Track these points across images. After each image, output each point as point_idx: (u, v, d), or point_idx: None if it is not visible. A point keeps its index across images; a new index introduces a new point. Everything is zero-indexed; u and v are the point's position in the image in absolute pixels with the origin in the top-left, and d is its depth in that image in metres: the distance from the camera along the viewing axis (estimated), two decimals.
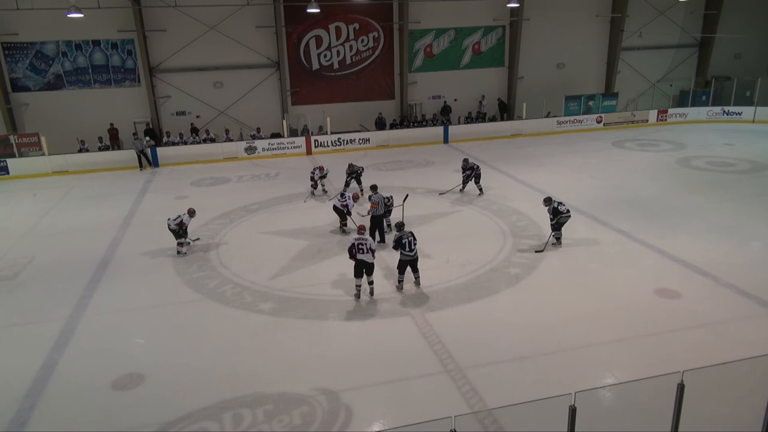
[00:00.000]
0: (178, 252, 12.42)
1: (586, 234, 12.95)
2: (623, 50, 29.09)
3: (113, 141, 23.49)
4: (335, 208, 13.53)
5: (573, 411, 5.25)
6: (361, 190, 16.62)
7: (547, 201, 12.20)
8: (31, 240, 13.98)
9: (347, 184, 16.65)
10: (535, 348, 8.41)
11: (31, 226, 15.10)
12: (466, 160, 16.56)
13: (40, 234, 14.49)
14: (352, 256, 9.82)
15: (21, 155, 21.08)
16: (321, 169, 17.08)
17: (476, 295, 10.16)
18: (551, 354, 8.26)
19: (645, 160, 20.18)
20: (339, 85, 26.76)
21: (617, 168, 19.13)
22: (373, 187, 13.12)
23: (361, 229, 10.16)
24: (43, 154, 21.12)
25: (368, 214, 12.87)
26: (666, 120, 27.00)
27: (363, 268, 9.90)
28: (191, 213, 12.45)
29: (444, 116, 27.03)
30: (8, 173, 20.70)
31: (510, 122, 26.58)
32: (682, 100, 29.21)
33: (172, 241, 13.00)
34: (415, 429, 6.09)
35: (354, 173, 16.74)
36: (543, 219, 13.89)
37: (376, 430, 6.98)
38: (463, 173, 16.48)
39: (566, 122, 26.00)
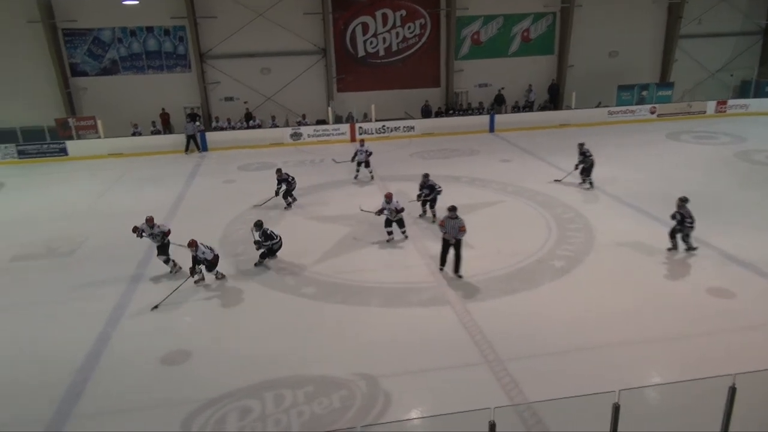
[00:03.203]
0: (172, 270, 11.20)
1: (635, 229, 12.57)
2: (681, 38, 27.83)
3: (165, 125, 24.18)
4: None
5: (617, 409, 5.14)
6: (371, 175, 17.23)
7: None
8: (87, 219, 14.58)
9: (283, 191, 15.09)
10: (579, 343, 8.26)
11: (87, 206, 15.75)
12: (581, 145, 15.76)
13: (96, 213, 15.09)
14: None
15: (79, 137, 21.97)
16: (362, 143, 17.34)
17: (519, 286, 10.03)
18: (595, 349, 8.10)
19: (701, 153, 19.37)
20: (384, 73, 26.67)
21: (671, 161, 18.44)
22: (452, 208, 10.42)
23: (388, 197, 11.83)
24: (99, 137, 21.95)
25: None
26: (725, 112, 25.80)
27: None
28: (191, 245, 10.14)
29: (498, 105, 26.57)
30: (67, 154, 21.62)
31: (558, 112, 25.93)
32: (743, 91, 27.77)
33: (220, 225, 13.36)
34: (454, 418, 6.10)
35: (284, 180, 14.85)
36: (590, 211, 13.61)
37: (414, 417, 7.02)
38: (580, 157, 15.66)
39: (618, 112, 25.18)
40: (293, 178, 14.92)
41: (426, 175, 13.46)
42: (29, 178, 19.20)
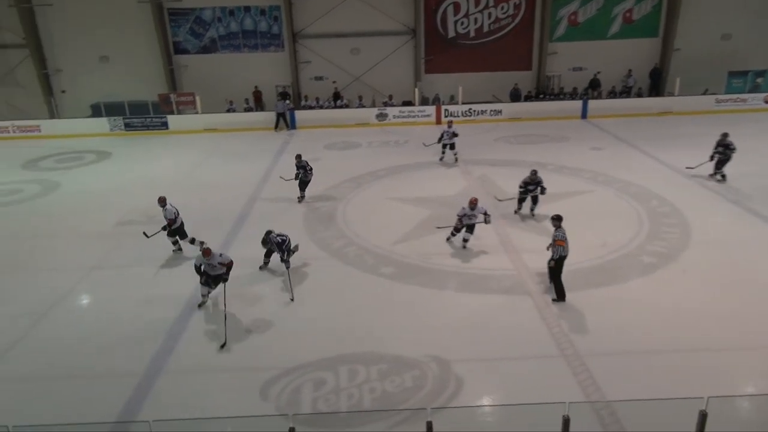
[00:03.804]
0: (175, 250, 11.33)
1: (739, 227, 11.66)
2: None
3: (257, 103, 25.12)
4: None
5: (704, 417, 4.83)
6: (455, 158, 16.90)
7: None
8: (183, 190, 15.46)
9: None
10: (665, 344, 7.80)
11: (184, 177, 16.74)
12: (725, 136, 14.56)
13: (192, 185, 16.00)
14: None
15: (179, 112, 23.32)
16: (449, 124, 17.17)
17: (604, 280, 9.60)
18: (683, 352, 7.62)
19: None
20: (474, 54, 26.13)
21: None
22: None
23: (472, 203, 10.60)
24: (197, 113, 23.19)
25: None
26: None
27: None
28: (205, 252, 8.77)
29: (593, 90, 25.36)
30: (168, 128, 23.02)
31: (658, 99, 24.34)
32: None
33: (304, 200, 13.75)
34: (526, 410, 5.99)
35: (302, 167, 14.02)
36: (688, 205, 12.75)
37: (485, 404, 6.96)
38: (715, 148, 14.57)
39: (727, 101, 23.23)
40: (311, 169, 14.03)
41: (534, 172, 12.34)
42: (133, 149, 20.64)
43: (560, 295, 8.90)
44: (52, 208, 14.48)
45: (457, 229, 10.98)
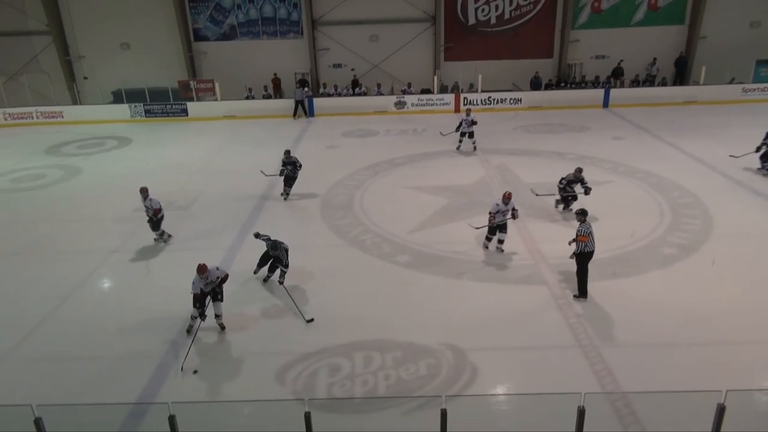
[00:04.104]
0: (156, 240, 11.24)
1: (760, 219, 11.42)
2: None
3: (276, 90, 25.17)
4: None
5: (721, 410, 4.77)
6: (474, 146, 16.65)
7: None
8: (203, 176, 15.64)
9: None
10: (683, 337, 7.72)
11: (203, 164, 16.89)
12: None
13: (211, 171, 16.15)
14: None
15: (198, 99, 23.47)
16: (468, 112, 17.06)
17: (622, 271, 9.50)
18: (701, 346, 7.54)
19: None
20: (494, 42, 25.82)
21: None
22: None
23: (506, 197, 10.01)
24: (216, 99, 23.31)
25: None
26: None
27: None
28: (200, 269, 7.88)
29: (616, 79, 24.91)
30: (187, 115, 23.19)
31: (683, 88, 23.84)
32: None
33: (322, 189, 13.78)
34: (541, 399, 5.99)
35: (291, 162, 13.27)
36: (711, 197, 12.53)
37: (500, 393, 6.97)
38: (764, 140, 14.05)
39: (754, 90, 22.66)
40: (301, 166, 13.29)
41: (579, 170, 11.63)
42: (153, 136, 20.84)
43: (582, 291, 8.66)
44: (74, 193, 14.73)
45: (491, 231, 10.18)
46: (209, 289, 7.96)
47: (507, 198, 9.97)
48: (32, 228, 12.43)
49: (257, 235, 9.32)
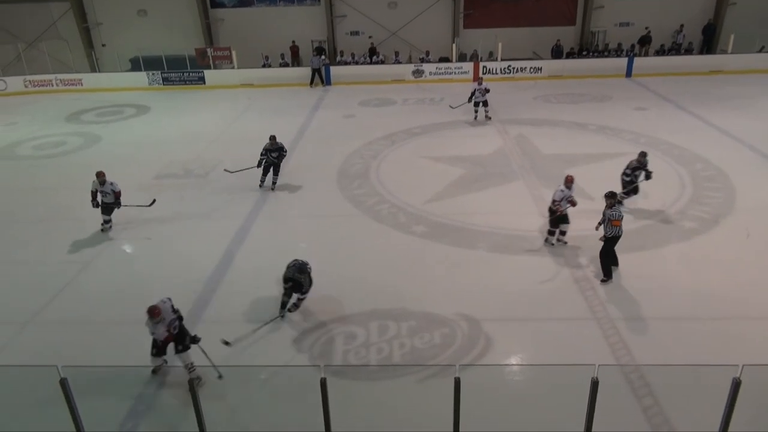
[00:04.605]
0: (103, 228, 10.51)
1: None
2: None
3: (294, 58, 24.93)
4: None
5: (737, 385, 4.74)
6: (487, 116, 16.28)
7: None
8: (220, 144, 15.69)
9: None
10: (701, 311, 7.66)
11: (220, 132, 16.92)
12: None
13: (228, 139, 16.19)
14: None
15: (215, 67, 23.37)
16: (480, 81, 16.73)
17: (641, 245, 9.39)
18: (720, 321, 7.47)
19: None
20: (515, 9, 25.18)
21: None
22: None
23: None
24: (233, 68, 23.19)
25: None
26: None
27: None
28: (153, 313, 6.22)
29: (642, 47, 24.21)
30: (204, 83, 23.13)
31: (709, 56, 23.18)
32: None
33: (338, 159, 13.73)
34: (554, 370, 6.01)
35: (279, 149, 12.10)
36: (734, 170, 12.26)
37: (514, 363, 7.01)
38: None
39: None
40: (286, 152, 12.37)
41: (644, 154, 10.52)
42: (171, 104, 20.88)
43: (607, 274, 8.37)
44: (94, 161, 14.82)
45: (554, 224, 9.23)
46: (171, 331, 6.35)
47: (570, 182, 9.12)
48: (54, 195, 12.62)
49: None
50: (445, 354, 6.95)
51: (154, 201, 10.77)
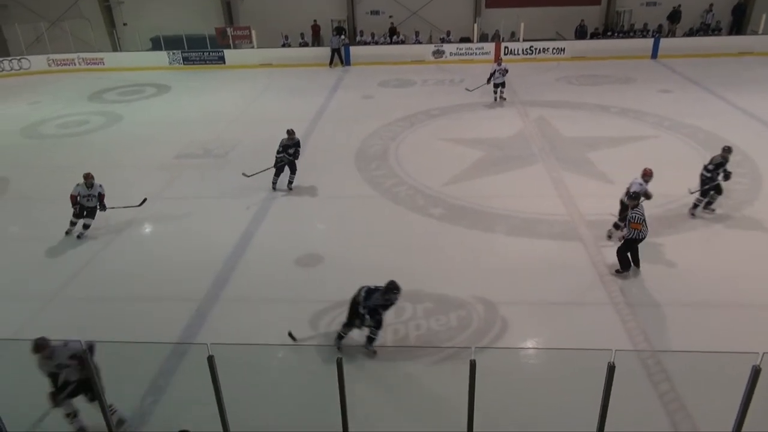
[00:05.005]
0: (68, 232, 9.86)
1: None
2: None
3: (315, 37, 24.76)
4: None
5: (756, 372, 4.68)
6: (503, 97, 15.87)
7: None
8: (240, 124, 15.75)
9: None
10: (721, 298, 7.56)
11: (240, 112, 16.97)
12: None
13: (247, 120, 16.25)
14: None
15: (235, 47, 23.35)
16: (499, 62, 16.51)
17: (663, 230, 9.25)
18: (739, 307, 7.38)
19: None
20: None
21: None
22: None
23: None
24: (253, 47, 23.15)
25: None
26: None
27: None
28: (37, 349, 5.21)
29: (672, 24, 23.52)
30: (225, 63, 23.15)
31: (738, 37, 22.53)
32: None
33: (356, 140, 13.69)
34: (571, 355, 6.00)
35: (295, 144, 11.23)
36: (761, 155, 11.97)
37: (530, 347, 7.01)
38: None
39: None
40: (300, 146, 11.41)
41: (728, 149, 9.59)
42: (191, 84, 20.97)
43: (624, 266, 8.13)
44: (116, 140, 15.06)
45: (622, 217, 8.62)
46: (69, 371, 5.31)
47: (648, 175, 8.73)
48: (78, 173, 12.68)
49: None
50: (461, 336, 6.98)
51: (145, 200, 10.31)
